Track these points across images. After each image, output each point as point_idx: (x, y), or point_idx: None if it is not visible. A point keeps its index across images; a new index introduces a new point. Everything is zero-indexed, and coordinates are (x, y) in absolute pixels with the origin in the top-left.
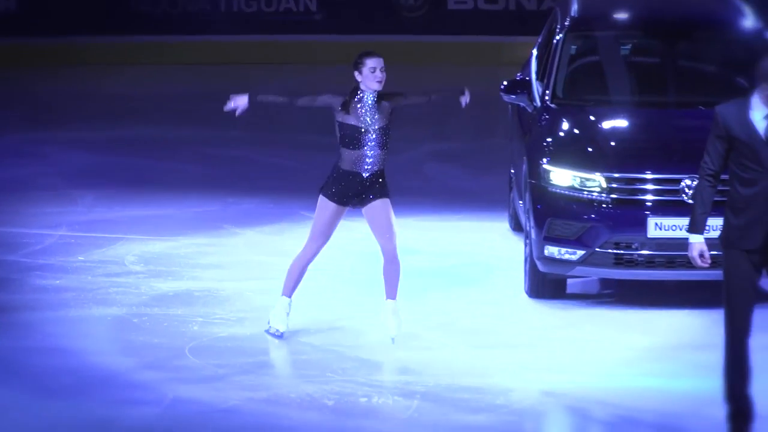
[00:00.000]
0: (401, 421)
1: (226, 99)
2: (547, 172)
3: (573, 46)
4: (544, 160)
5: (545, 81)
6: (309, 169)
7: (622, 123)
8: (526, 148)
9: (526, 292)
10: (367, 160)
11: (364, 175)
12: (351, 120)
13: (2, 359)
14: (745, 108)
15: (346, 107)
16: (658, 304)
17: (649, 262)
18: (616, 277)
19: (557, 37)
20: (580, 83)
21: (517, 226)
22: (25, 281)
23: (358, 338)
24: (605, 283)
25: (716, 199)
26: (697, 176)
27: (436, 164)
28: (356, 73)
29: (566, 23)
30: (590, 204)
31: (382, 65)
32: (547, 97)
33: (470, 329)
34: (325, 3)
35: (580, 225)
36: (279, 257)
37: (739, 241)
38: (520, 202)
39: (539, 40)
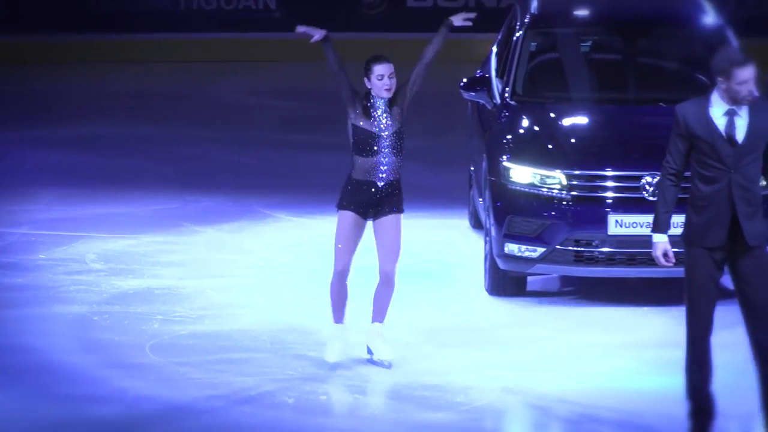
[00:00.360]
0: (362, 419)
1: (187, 97)
2: (507, 169)
3: (533, 43)
4: (504, 157)
5: (505, 78)
6: (268, 166)
7: (582, 120)
8: (485, 145)
9: (487, 290)
10: (381, 167)
11: (378, 184)
12: (365, 124)
13: None
14: (705, 105)
15: (365, 111)
16: (619, 302)
17: (610, 260)
18: (577, 275)
19: (517, 34)
20: (540, 80)
21: (477, 224)
22: None
23: (318, 336)
24: (566, 280)
25: (680, 195)
26: (658, 173)
27: None
28: (365, 80)
29: (526, 20)
30: (550, 201)
31: (391, 71)
32: (506, 94)
33: (430, 327)
34: (285, 1)
35: (540, 222)
36: (239, 255)
37: (701, 239)
38: (480, 199)
39: (499, 36)
